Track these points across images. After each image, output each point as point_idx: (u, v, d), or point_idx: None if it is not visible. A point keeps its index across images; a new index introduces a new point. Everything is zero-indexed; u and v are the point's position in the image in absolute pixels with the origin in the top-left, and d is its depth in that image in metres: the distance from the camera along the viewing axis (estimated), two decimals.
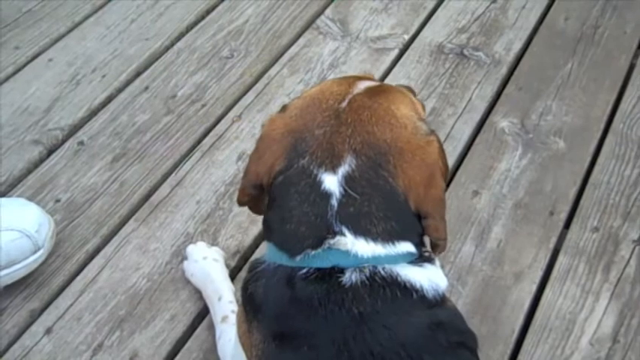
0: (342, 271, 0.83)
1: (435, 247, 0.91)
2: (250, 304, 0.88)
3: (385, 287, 0.83)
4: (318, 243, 0.83)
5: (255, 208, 0.97)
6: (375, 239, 0.84)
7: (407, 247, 0.85)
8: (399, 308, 0.83)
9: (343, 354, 0.80)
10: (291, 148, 0.87)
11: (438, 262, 0.90)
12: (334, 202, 0.83)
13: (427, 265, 0.87)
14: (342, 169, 0.84)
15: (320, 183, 0.84)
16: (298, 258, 0.84)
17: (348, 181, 0.84)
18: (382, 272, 0.83)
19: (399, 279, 0.83)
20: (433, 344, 0.82)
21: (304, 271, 0.83)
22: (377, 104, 0.88)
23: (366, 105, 0.88)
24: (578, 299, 1.24)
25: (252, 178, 0.90)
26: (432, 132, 0.88)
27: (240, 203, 0.95)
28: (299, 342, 0.82)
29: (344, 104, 0.88)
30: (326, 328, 0.81)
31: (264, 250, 0.90)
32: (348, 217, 0.83)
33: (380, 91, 0.90)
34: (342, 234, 0.83)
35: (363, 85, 0.90)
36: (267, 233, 0.90)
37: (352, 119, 0.86)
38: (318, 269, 0.83)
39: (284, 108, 0.92)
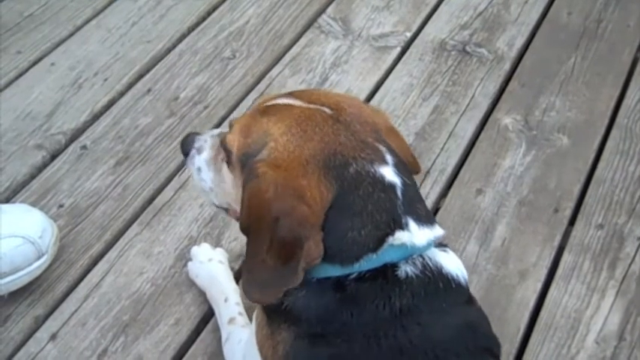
0: (396, 265, 0.81)
1: None
2: (284, 314, 0.85)
3: (432, 279, 0.82)
4: (379, 244, 0.81)
5: None
6: (427, 225, 0.83)
7: (439, 228, 0.86)
8: (442, 302, 0.83)
9: (373, 348, 0.80)
10: (326, 171, 0.81)
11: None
12: (399, 192, 0.82)
13: (449, 250, 0.87)
14: (389, 158, 0.83)
15: (382, 177, 0.82)
16: (357, 265, 0.81)
17: (398, 167, 0.83)
18: (430, 263, 0.82)
19: (443, 270, 0.83)
20: (461, 347, 0.83)
21: (355, 275, 0.81)
22: (345, 100, 0.88)
23: (341, 104, 0.86)
24: (583, 297, 1.24)
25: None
26: None
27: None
28: (334, 337, 0.82)
29: (327, 112, 0.85)
30: (366, 322, 0.81)
31: None
32: (409, 206, 0.82)
33: (330, 95, 0.90)
34: (407, 226, 0.81)
35: (306, 98, 0.88)
36: None
37: (349, 118, 0.85)
38: (370, 270, 0.81)
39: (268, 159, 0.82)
